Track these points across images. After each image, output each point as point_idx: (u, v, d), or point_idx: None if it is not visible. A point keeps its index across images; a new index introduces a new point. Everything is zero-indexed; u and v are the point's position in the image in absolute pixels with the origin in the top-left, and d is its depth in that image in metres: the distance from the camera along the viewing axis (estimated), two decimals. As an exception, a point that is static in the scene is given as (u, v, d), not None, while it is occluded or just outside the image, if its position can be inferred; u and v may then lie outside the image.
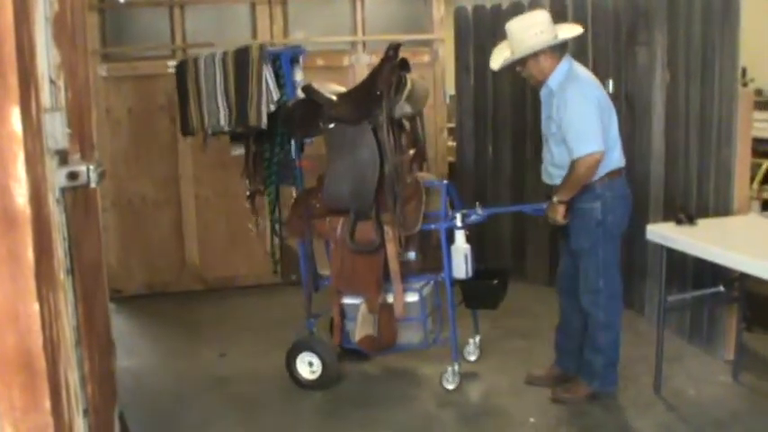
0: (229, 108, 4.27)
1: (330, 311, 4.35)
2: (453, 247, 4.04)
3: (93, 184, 1.90)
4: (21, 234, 1.56)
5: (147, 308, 5.89)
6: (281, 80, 4.30)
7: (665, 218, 4.71)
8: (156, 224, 6.20)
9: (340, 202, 4.03)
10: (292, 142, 4.35)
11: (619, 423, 3.83)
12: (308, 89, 4.12)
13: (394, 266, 4.01)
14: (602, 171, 3.76)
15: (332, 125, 4.04)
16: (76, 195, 2.24)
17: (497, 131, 6.31)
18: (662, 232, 3.94)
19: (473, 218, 4.14)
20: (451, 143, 6.95)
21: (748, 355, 4.31)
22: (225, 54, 4.30)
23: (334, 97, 4.09)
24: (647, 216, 4.95)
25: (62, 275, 1.88)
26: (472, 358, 4.54)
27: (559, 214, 3.80)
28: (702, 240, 3.67)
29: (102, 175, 1.93)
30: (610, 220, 3.81)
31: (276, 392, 4.27)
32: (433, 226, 4.08)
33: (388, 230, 3.98)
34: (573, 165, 3.70)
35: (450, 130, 6.91)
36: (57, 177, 1.83)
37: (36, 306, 1.59)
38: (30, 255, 1.57)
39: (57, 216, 1.83)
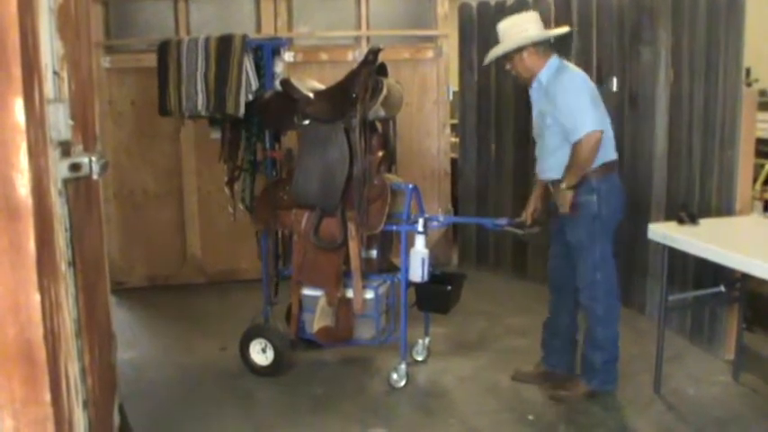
0: (208, 93, 4.33)
1: (287, 301, 4.48)
2: (412, 251, 4.11)
3: (95, 176, 1.90)
4: (22, 225, 1.56)
5: (149, 300, 5.89)
6: (262, 71, 4.37)
7: (668, 217, 4.71)
8: (158, 217, 6.21)
9: (308, 197, 4.11)
10: (267, 132, 4.46)
11: (618, 422, 3.82)
12: (285, 83, 4.16)
13: (355, 263, 4.10)
14: (597, 163, 3.80)
15: (306, 122, 4.10)
16: (79, 187, 2.23)
17: (500, 128, 6.30)
18: (664, 231, 3.93)
19: (434, 225, 4.26)
20: (454, 139, 6.95)
21: (749, 355, 4.30)
22: (207, 40, 4.35)
23: (311, 94, 4.13)
24: (649, 215, 4.95)
25: (63, 267, 1.88)
26: (420, 358, 4.57)
27: (567, 199, 3.79)
28: (704, 240, 3.66)
29: (104, 167, 1.93)
30: (605, 213, 3.83)
31: (276, 386, 4.27)
32: (395, 227, 4.16)
33: (352, 228, 4.06)
34: (575, 147, 3.74)
35: (453, 127, 6.91)
36: (59, 168, 1.83)
37: (37, 297, 1.59)
38: (31, 246, 1.57)
39: (59, 207, 1.83)
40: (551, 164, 3.91)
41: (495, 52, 3.96)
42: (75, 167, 1.86)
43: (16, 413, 1.62)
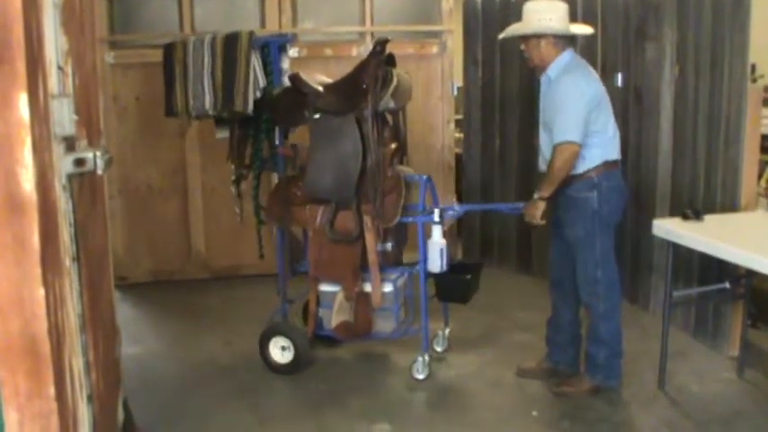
0: (215, 92, 4.30)
1: (304, 297, 4.47)
2: (430, 242, 4.11)
3: (99, 171, 1.90)
4: (27, 220, 1.57)
5: (153, 295, 5.90)
6: (269, 68, 4.34)
7: (672, 213, 4.70)
8: (163, 212, 6.21)
9: (322, 191, 4.10)
10: (276, 129, 4.42)
11: (622, 418, 3.83)
12: (295, 78, 4.15)
13: (372, 257, 4.09)
14: (598, 161, 3.80)
15: (317, 116, 4.09)
16: (83, 182, 2.24)
17: (505, 123, 6.30)
18: (668, 227, 3.93)
19: (450, 213, 4.26)
20: (459, 134, 6.95)
21: (753, 351, 4.30)
22: (214, 38, 4.33)
23: (321, 88, 4.12)
24: (653, 211, 4.94)
25: (68, 262, 1.88)
26: (440, 349, 4.57)
27: (539, 211, 3.79)
28: (709, 236, 3.66)
29: (108, 162, 1.93)
30: (605, 210, 3.82)
31: (280, 381, 4.28)
32: (410, 219, 4.16)
33: (368, 221, 4.06)
34: (552, 154, 3.76)
35: (458, 122, 6.90)
36: (63, 164, 1.83)
37: (41, 292, 1.60)
38: (35, 241, 1.58)
39: (63, 202, 1.83)
40: (549, 158, 3.91)
41: (514, 31, 3.93)
42: (79, 163, 1.86)
43: (21, 407, 1.63)
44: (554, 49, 3.83)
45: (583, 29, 4.17)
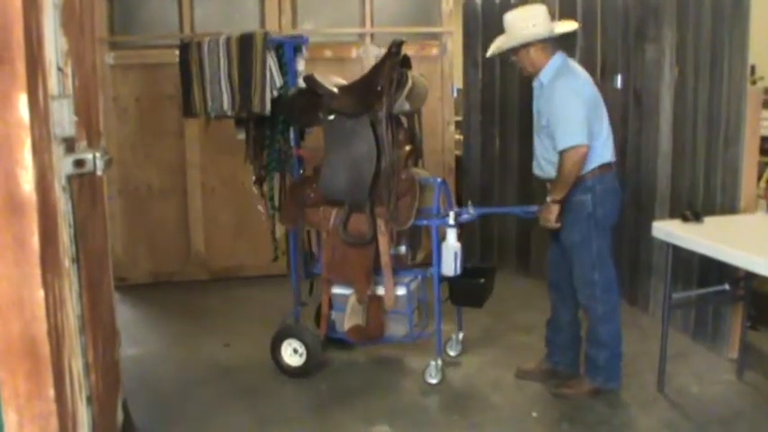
0: (233, 93, 4.27)
1: (316, 301, 4.45)
2: (444, 245, 4.09)
3: (99, 172, 1.91)
4: (26, 221, 1.57)
5: (152, 297, 5.90)
6: (284, 68, 4.32)
7: (672, 215, 4.70)
8: (162, 213, 6.21)
9: (335, 193, 4.08)
10: (291, 130, 4.40)
11: (621, 419, 3.82)
12: (309, 80, 4.13)
13: (385, 259, 4.07)
14: (593, 164, 3.79)
15: (331, 117, 4.07)
16: (83, 183, 2.24)
17: (505, 125, 6.29)
18: (668, 229, 3.92)
19: (465, 216, 4.24)
20: (458, 136, 6.94)
21: (753, 353, 4.30)
22: (228, 39, 4.30)
23: (336, 89, 4.11)
24: (653, 213, 4.94)
25: (67, 263, 1.88)
26: (453, 353, 4.57)
27: (553, 214, 3.80)
28: (709, 238, 3.65)
29: (108, 163, 1.93)
30: (600, 213, 3.82)
31: (280, 382, 4.27)
32: (425, 222, 4.14)
33: (381, 224, 4.04)
34: (560, 159, 3.75)
35: (458, 124, 6.90)
36: (63, 165, 1.83)
37: (41, 293, 1.60)
38: (35, 242, 1.58)
39: (63, 203, 1.83)
40: (542, 164, 3.93)
41: (500, 46, 3.93)
42: (79, 164, 1.86)
43: (20, 408, 1.62)
44: (543, 54, 3.83)
45: (567, 26, 4.10)
